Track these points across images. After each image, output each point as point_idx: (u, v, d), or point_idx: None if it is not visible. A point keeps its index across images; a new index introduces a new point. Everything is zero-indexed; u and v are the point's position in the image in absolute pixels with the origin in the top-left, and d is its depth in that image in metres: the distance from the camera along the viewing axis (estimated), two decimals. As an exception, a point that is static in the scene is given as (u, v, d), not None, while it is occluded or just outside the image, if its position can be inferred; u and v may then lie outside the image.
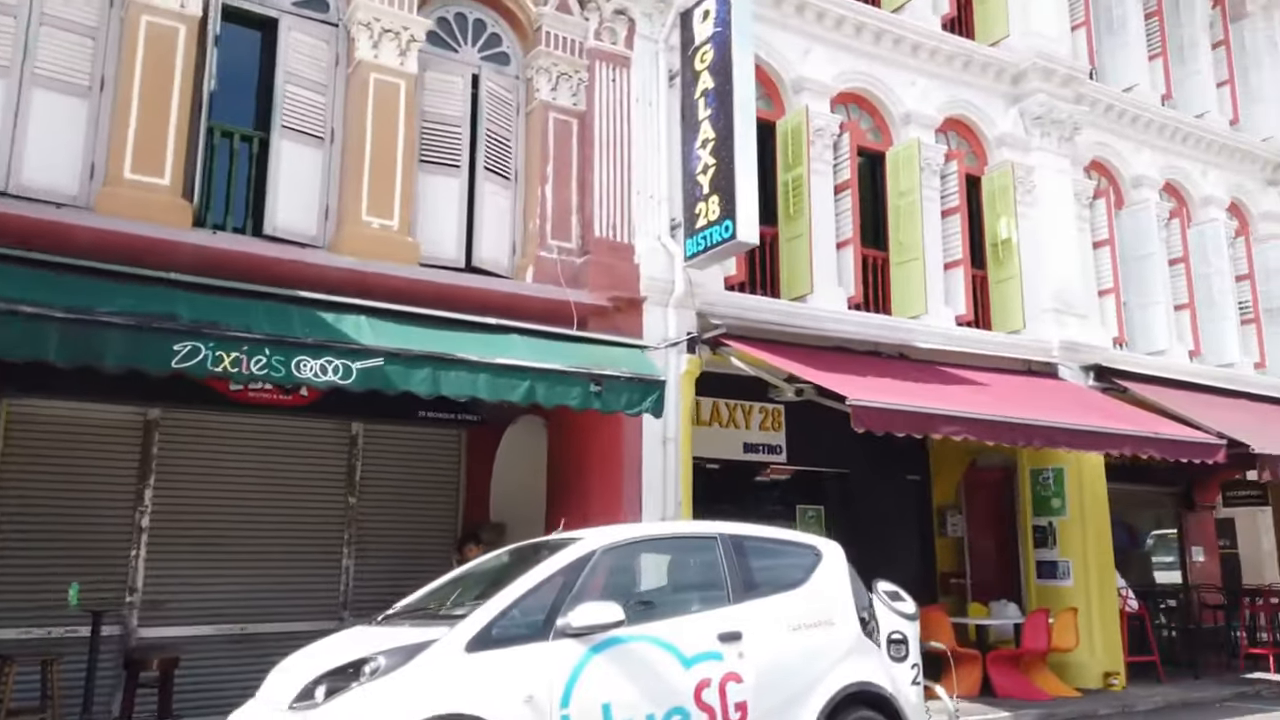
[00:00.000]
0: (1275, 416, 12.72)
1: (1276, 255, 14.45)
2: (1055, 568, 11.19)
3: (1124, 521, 16.61)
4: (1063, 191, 12.15)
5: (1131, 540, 16.43)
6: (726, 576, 5.40)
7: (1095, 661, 10.77)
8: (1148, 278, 12.91)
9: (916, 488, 12.86)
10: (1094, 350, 11.73)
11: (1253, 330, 13.83)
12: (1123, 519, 16.62)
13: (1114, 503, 16.43)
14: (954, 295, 11.10)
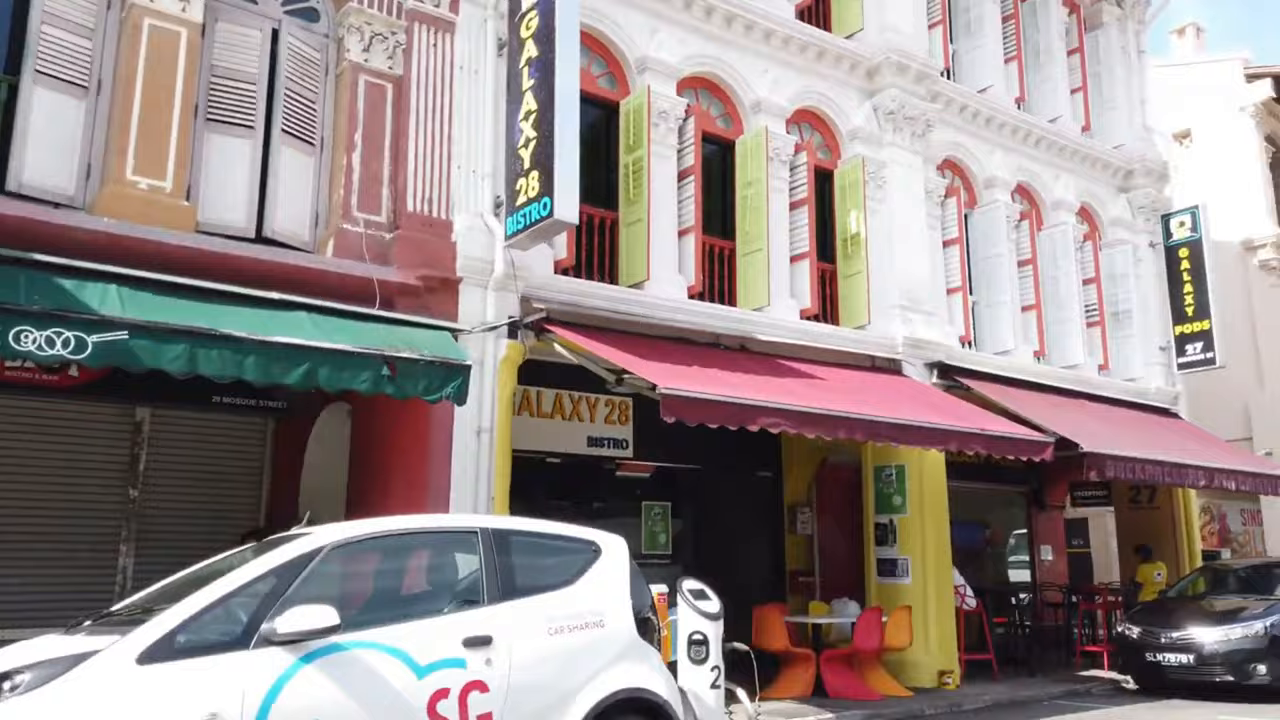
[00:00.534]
0: (1114, 417, 12.99)
1: (1124, 260, 14.82)
2: (895, 565, 11.11)
3: (978, 520, 16.93)
4: (914, 188, 12.12)
5: (985, 539, 16.71)
6: (483, 575, 4.91)
7: (931, 660, 10.72)
8: (996, 278, 13.02)
9: (768, 485, 12.67)
10: (939, 348, 11.72)
11: (1098, 333, 14.13)
12: (977, 518, 16.95)
13: (968, 502, 16.74)
14: (799, 288, 10.90)
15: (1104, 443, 10.61)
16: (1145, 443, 11.86)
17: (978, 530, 16.81)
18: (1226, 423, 18.52)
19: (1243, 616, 10.30)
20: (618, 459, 11.20)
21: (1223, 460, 12.22)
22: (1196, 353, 14.62)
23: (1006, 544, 16.54)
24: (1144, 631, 10.76)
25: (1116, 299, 14.80)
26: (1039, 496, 15.94)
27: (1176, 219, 15.06)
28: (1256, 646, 10.00)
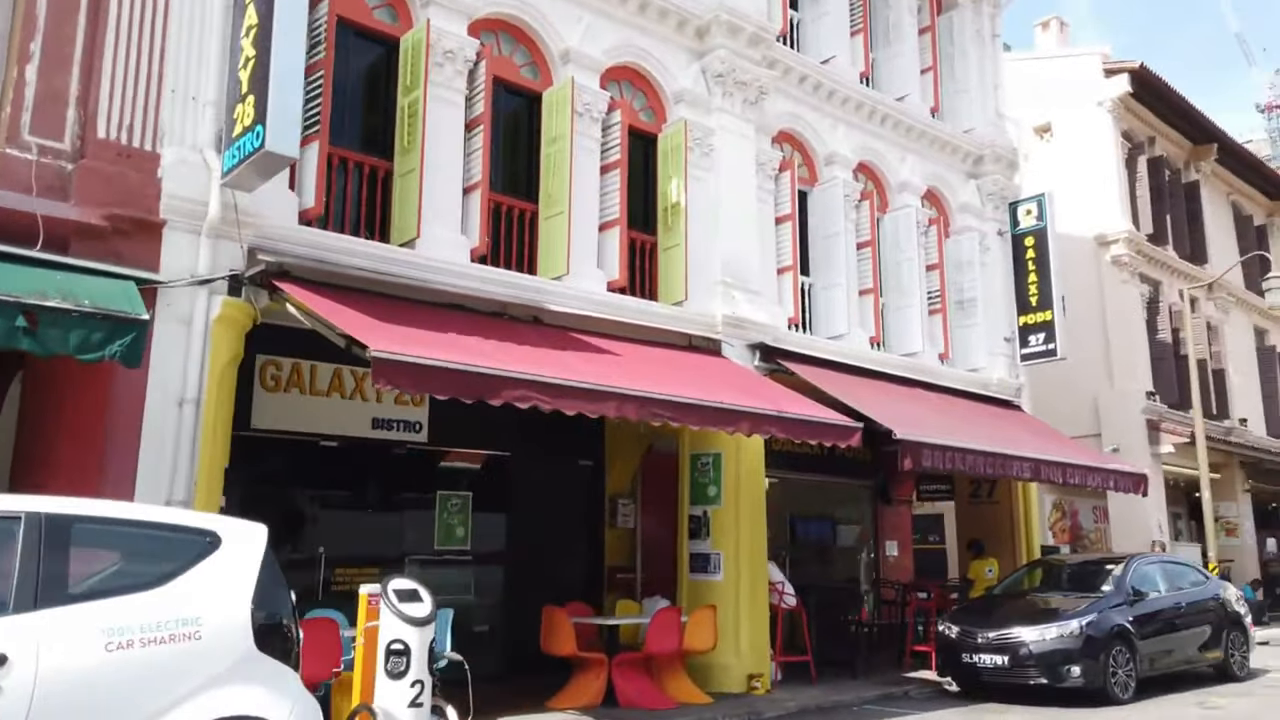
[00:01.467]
0: (948, 407, 12.47)
1: (970, 247, 14.39)
2: (707, 561, 10.27)
3: (825, 515, 16.37)
4: (744, 158, 11.32)
5: (832, 534, 16.14)
6: (15, 575, 3.72)
7: (740, 663, 9.91)
8: (833, 259, 12.35)
9: (588, 474, 11.70)
10: (763, 329, 10.93)
11: (940, 321, 13.63)
12: (824, 513, 16.39)
13: (814, 496, 16.20)
14: (608, 258, 9.94)
15: (923, 430, 9.98)
16: (975, 433, 11.32)
17: (826, 526, 16.28)
18: (1077, 419, 18.47)
19: (1060, 615, 9.79)
20: (409, 444, 10.05)
21: (1054, 453, 11.80)
22: (1039, 344, 14.29)
23: (868, 540, 16.01)
24: (962, 631, 10.17)
25: (962, 287, 14.36)
26: (884, 491, 15.43)
27: (1024, 207, 14.72)
28: (1071, 647, 9.48)
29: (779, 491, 15.63)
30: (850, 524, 15.99)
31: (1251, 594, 19.61)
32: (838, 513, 15.99)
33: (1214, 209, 21.94)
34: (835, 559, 15.79)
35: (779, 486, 15.54)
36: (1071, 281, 18.98)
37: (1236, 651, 11.34)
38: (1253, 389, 22.25)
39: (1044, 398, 19.12)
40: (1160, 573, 11.05)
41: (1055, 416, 18.77)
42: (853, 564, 15.64)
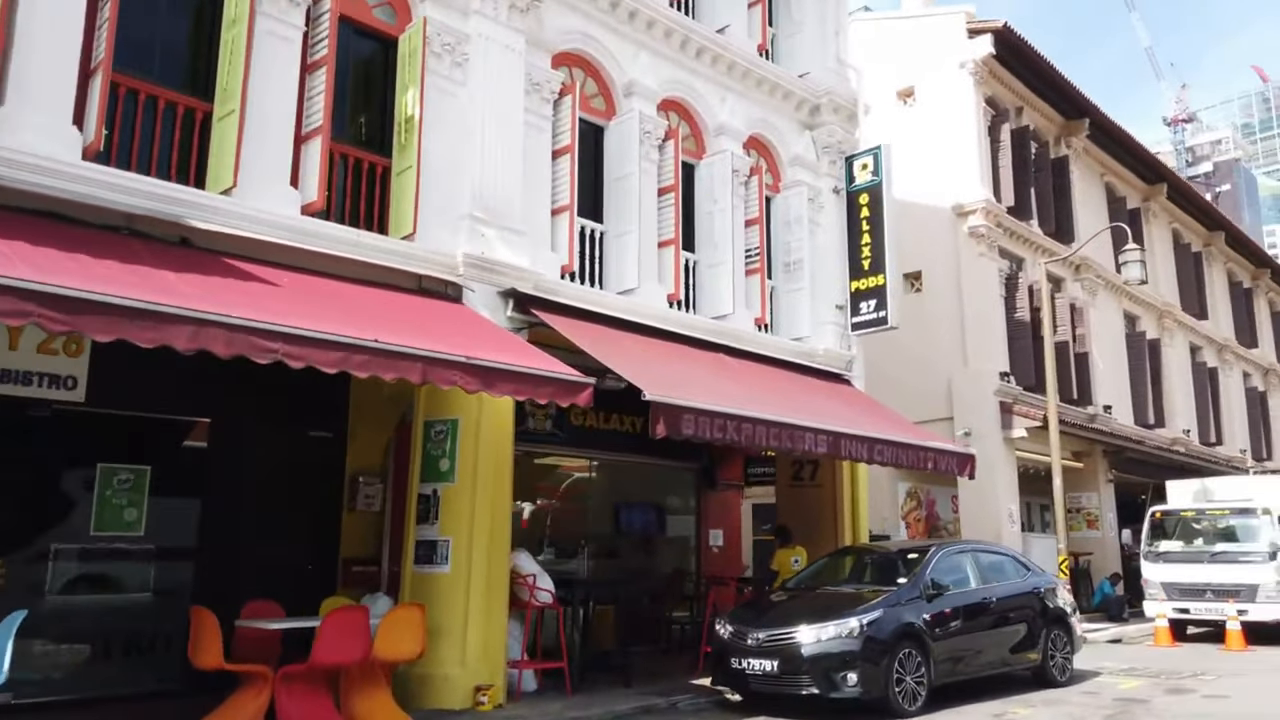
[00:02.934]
0: (754, 376, 10.96)
1: (799, 204, 12.95)
2: (434, 549, 8.53)
3: (650, 501, 14.82)
4: (511, 75, 9.59)
5: (657, 522, 14.60)
6: None
7: (466, 674, 8.21)
8: (625, 204, 10.72)
9: (324, 448, 9.82)
10: (521, 275, 9.23)
11: (758, 282, 12.13)
12: (648, 498, 14.84)
13: (637, 479, 14.64)
14: (306, 176, 8.09)
15: (688, 393, 8.38)
16: (771, 403, 9.81)
17: (651, 513, 14.73)
18: (930, 401, 17.32)
19: (842, 612, 8.32)
20: (58, 403, 8.03)
21: (865, 428, 10.37)
22: (870, 311, 12.93)
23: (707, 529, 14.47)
24: (734, 632, 8.64)
25: (789, 247, 12.92)
26: (710, 473, 13.93)
27: (860, 161, 13.34)
28: (848, 649, 8.02)
29: (602, 476, 14.09)
30: (680, 512, 14.50)
31: (1110, 588, 18.80)
32: (664, 499, 14.48)
33: (1085, 188, 21.09)
34: (660, 550, 14.28)
35: (601, 470, 13.99)
36: (930, 255, 17.84)
37: (1058, 653, 10.09)
38: (1121, 376, 21.49)
39: (897, 378, 17.92)
40: (971, 564, 9.72)
41: (908, 398, 17.58)
42: (681, 555, 14.13)
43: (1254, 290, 30.22)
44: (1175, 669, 11.53)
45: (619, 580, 11.77)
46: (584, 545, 12.53)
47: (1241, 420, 27.25)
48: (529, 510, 12.55)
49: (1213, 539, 15.75)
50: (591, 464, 12.98)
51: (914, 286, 18.12)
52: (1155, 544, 16.10)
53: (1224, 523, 15.88)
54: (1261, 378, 29.50)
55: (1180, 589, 15.51)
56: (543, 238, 9.83)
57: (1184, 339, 24.65)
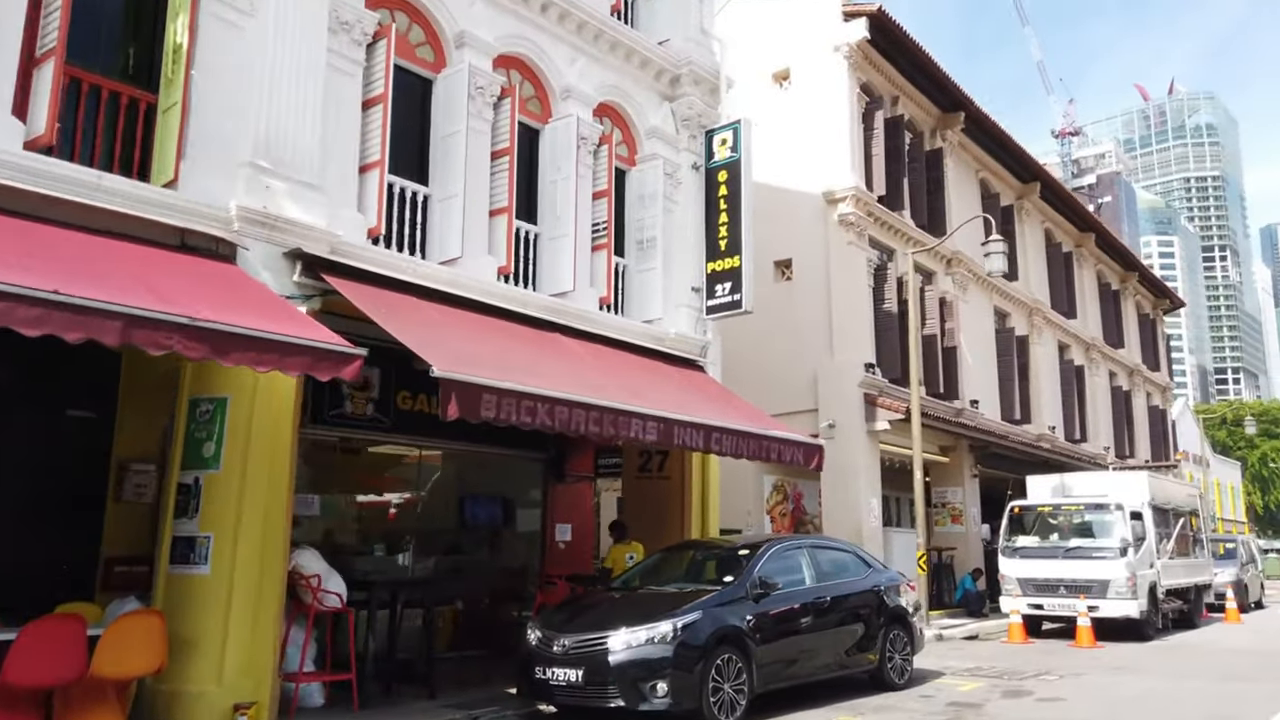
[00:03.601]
0: (592, 360, 10.13)
1: (655, 178, 12.18)
2: (192, 547, 7.40)
3: (498, 494, 13.88)
4: (312, 10, 8.48)
5: (504, 516, 13.66)
6: None
7: (223, 691, 7.09)
8: (451, 165, 9.71)
9: (87, 430, 8.53)
10: (314, 235, 8.14)
11: (604, 259, 11.31)
12: (495, 491, 13.90)
13: (485, 471, 13.68)
14: (36, 106, 6.85)
15: (500, 373, 7.47)
16: (606, 388, 8.99)
17: (498, 506, 13.79)
18: (797, 393, 16.88)
19: (656, 615, 7.56)
20: None
21: (703, 415, 9.65)
22: (725, 294, 12.26)
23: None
24: (541, 638, 7.80)
25: (643, 224, 12.14)
26: (558, 464, 13.06)
27: (719, 136, 12.65)
28: (658, 656, 7.28)
29: (449, 466, 13.08)
30: (528, 505, 13.58)
31: (972, 584, 18.77)
32: (509, 491, 13.53)
33: (959, 182, 21.05)
34: (506, 546, 13.35)
35: (448, 460, 12.98)
36: (801, 242, 17.40)
37: (896, 654, 9.61)
38: (990, 372, 21.58)
39: (764, 369, 17.44)
40: (807, 561, 9.13)
41: (775, 389, 17.11)
42: (526, 552, 13.22)
43: (1122, 292, 31.14)
44: (1019, 668, 11.26)
45: (436, 580, 10.76)
46: (410, 542, 11.50)
47: (1106, 418, 27.97)
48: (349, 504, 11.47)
49: (1068, 534, 15.76)
50: (422, 453, 11.94)
51: (784, 274, 17.66)
52: (1013, 539, 16.04)
53: (1079, 518, 15.91)
54: (1127, 378, 30.41)
55: (1035, 585, 15.46)
56: (347, 196, 8.76)
57: (1053, 337, 25.05)
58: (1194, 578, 17.87)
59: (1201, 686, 10.05)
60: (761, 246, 17.85)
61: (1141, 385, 31.53)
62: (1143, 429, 30.73)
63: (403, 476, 12.14)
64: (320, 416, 9.78)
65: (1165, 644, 14.59)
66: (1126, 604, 14.65)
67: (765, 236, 17.82)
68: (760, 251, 17.85)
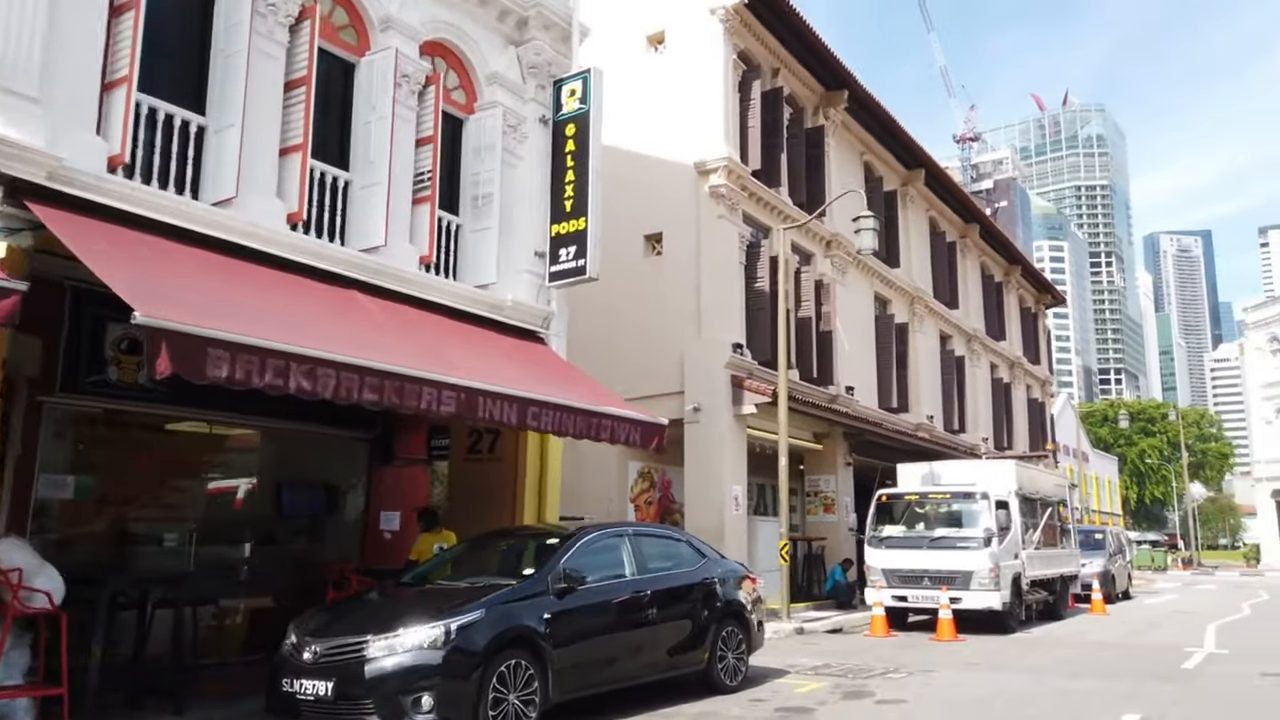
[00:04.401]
0: (397, 324, 8.92)
1: (494, 129, 11.01)
2: None
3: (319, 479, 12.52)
4: (38, -112, 7.01)
5: (326, 504, 12.30)
6: None
7: None
8: (231, 92, 8.33)
9: None
10: (24, 156, 6.71)
11: (427, 213, 10.07)
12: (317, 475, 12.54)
13: (305, 452, 12.31)
14: None
15: (242, 325, 6.20)
16: (400, 353, 7.81)
17: (319, 493, 12.40)
18: (664, 374, 15.96)
19: (430, 615, 6.43)
20: None
21: (520, 386, 8.55)
22: (569, 259, 11.19)
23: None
24: (294, 644, 6.58)
25: (479, 179, 10.96)
26: (385, 445, 11.78)
27: (568, 86, 11.55)
28: (425, 663, 6.15)
29: (265, 447, 11.65)
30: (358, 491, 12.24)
31: (842, 575, 18.22)
32: (337, 476, 12.18)
33: (842, 163, 20.49)
34: (328, 537, 11.98)
35: (264, 440, 11.55)
36: (672, 215, 16.47)
37: (729, 653, 8.70)
38: (867, 359, 21.12)
39: (631, 348, 16.49)
40: (629, 551, 8.13)
41: (641, 370, 16.17)
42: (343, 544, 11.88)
43: (1005, 285, 31.37)
44: (870, 665, 10.55)
45: (193, 576, 9.34)
46: (194, 532, 10.06)
47: (986, 409, 28.05)
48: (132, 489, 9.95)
49: (934, 524, 15.28)
50: (212, 429, 10.49)
51: (655, 249, 16.72)
52: (879, 529, 15.48)
53: (945, 508, 15.45)
54: (1008, 370, 30.65)
55: (900, 576, 14.92)
56: (82, 116, 7.31)
57: (934, 326, 24.86)
58: (1060, 568, 17.70)
59: (1056, 684, 9.49)
60: (632, 219, 16.93)
61: (1022, 378, 31.87)
62: (1022, 421, 31.05)
63: (203, 458, 10.66)
64: (75, 384, 8.33)
65: (1027, 636, 14.22)
66: (989, 596, 14.22)
67: (636, 209, 16.90)
68: (630, 225, 16.93)
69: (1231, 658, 11.67)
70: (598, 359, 16.76)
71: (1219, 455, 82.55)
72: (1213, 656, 11.81)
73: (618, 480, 16.42)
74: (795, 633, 14.07)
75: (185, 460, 10.50)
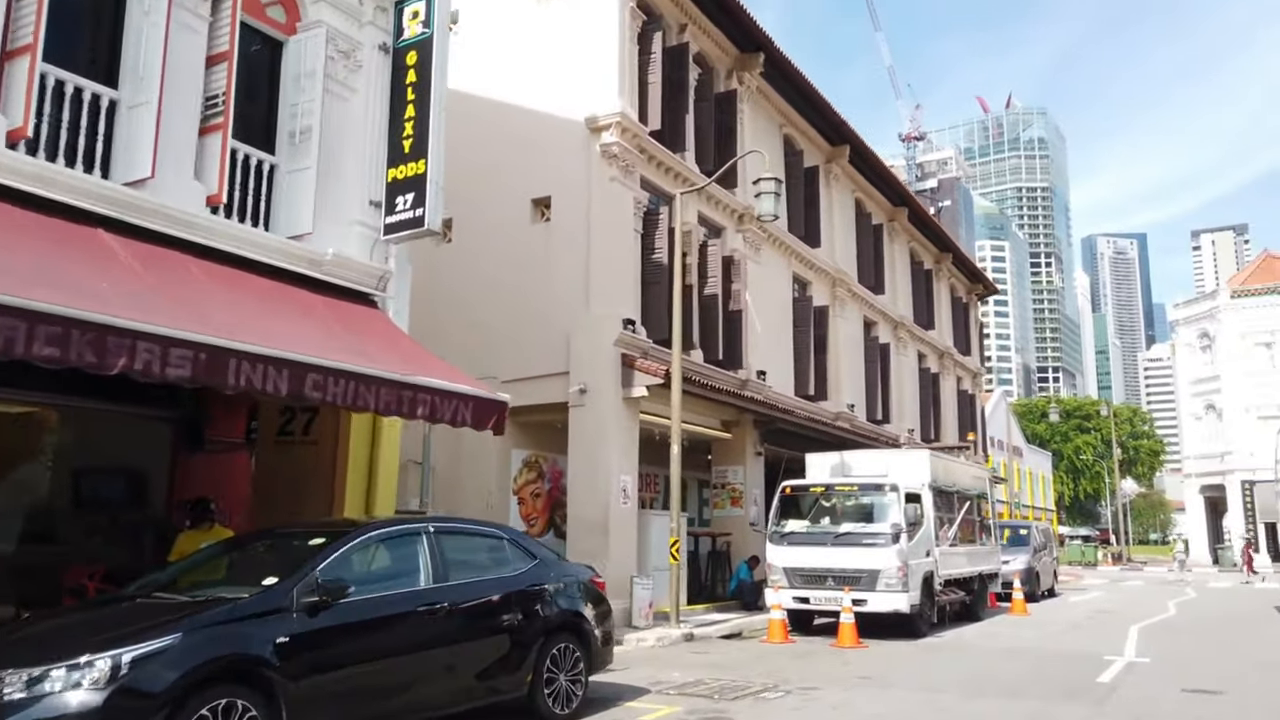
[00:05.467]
0: (161, 275, 7.24)
1: (317, 54, 9.35)
2: None
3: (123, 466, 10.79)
4: None
5: (129, 496, 10.54)
6: None
7: None
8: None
9: None
10: None
11: (218, 145, 8.37)
12: (121, 462, 10.80)
13: (108, 435, 10.59)
14: None
15: None
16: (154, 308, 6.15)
17: (120, 482, 10.66)
18: (549, 353, 14.42)
19: (88, 645, 4.79)
20: None
21: (309, 352, 6.94)
22: (406, 208, 9.57)
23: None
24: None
25: (298, 110, 9.29)
26: (195, 427, 10.04)
27: (410, 8, 9.93)
28: (80, 709, 4.51)
29: (63, 429, 9.88)
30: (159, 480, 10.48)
31: (748, 573, 16.84)
32: (142, 462, 10.42)
33: (757, 133, 19.10)
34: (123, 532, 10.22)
35: (60, 421, 9.79)
36: (561, 177, 14.90)
37: (561, 674, 7.18)
38: (784, 342, 19.81)
39: (516, 326, 14.94)
40: (427, 552, 6.55)
41: (527, 349, 14.61)
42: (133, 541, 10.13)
43: (935, 273, 30.41)
44: (748, 682, 9.13)
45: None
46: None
47: (913, 400, 27.02)
48: None
49: (840, 519, 13.98)
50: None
51: (543, 215, 15.14)
52: (782, 524, 14.13)
53: (853, 500, 14.16)
54: (937, 360, 29.69)
55: (802, 575, 13.59)
56: None
57: (858, 311, 23.67)
58: (979, 566, 16.57)
59: (949, 705, 8.17)
60: (519, 181, 15.32)
61: (952, 369, 30.95)
62: (951, 413, 30.12)
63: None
64: None
65: (937, 642, 12.99)
66: (896, 597, 12.95)
67: (523, 170, 15.31)
68: (517, 187, 15.32)
69: (1152, 668, 10.52)
70: (477, 335, 15.19)
71: (1150, 452, 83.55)
72: (1132, 666, 10.66)
73: (499, 470, 14.85)
74: (684, 639, 12.65)
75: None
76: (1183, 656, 11.61)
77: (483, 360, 15.05)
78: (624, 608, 13.23)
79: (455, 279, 15.67)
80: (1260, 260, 51.52)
